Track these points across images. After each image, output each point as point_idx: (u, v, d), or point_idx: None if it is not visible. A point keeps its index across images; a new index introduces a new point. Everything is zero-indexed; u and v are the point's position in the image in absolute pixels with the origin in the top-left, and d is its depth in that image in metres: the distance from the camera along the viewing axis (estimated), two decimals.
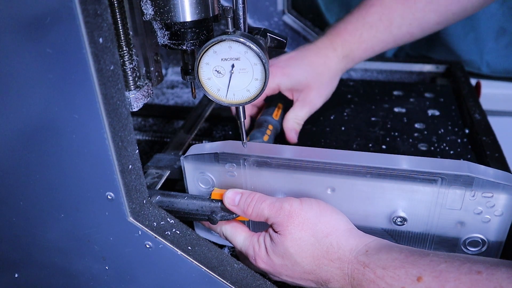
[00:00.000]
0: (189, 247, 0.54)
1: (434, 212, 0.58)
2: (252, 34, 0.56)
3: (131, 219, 0.51)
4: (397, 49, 1.33)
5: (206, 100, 0.98)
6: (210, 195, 0.63)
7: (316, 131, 0.87)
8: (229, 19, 0.53)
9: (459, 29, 1.23)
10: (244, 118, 0.60)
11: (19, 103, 0.47)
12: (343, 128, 0.87)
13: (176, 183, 0.75)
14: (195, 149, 0.65)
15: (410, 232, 0.61)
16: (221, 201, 0.61)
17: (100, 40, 0.42)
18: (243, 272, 0.55)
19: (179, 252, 0.53)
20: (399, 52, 1.34)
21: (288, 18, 1.23)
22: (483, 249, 0.60)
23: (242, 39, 0.52)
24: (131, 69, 0.62)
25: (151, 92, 0.66)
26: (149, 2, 0.55)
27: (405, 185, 0.57)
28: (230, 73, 0.55)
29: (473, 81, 1.14)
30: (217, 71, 0.55)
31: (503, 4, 1.18)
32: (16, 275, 0.63)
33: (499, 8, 1.18)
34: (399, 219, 0.59)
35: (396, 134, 0.85)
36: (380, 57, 1.33)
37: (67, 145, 0.48)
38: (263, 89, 0.55)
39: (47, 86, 0.44)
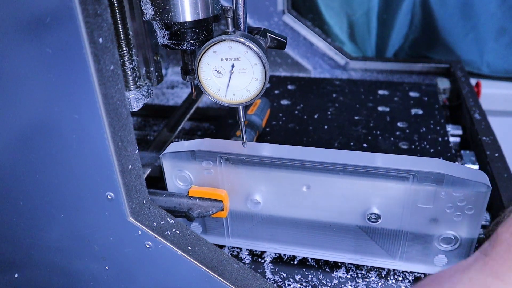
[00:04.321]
0: (189, 247, 0.54)
1: (407, 209, 0.59)
2: (252, 34, 0.56)
3: (131, 219, 0.51)
4: (397, 49, 1.33)
5: (191, 99, 0.98)
6: (188, 192, 0.64)
7: (299, 130, 0.87)
8: (229, 19, 0.53)
9: (459, 29, 1.23)
10: (244, 118, 0.60)
11: (19, 103, 0.47)
12: (326, 127, 0.88)
13: (159, 181, 0.75)
14: (173, 147, 0.65)
15: (384, 229, 0.62)
16: (199, 198, 0.63)
17: (100, 40, 0.42)
18: (243, 272, 0.55)
19: (179, 252, 0.53)
20: (399, 52, 1.34)
21: (288, 18, 1.23)
22: (456, 246, 0.60)
23: (242, 39, 0.52)
24: (131, 69, 0.62)
25: (151, 92, 0.66)
26: (149, 2, 0.55)
27: (378, 182, 0.58)
28: (230, 73, 0.55)
29: (473, 81, 1.14)
30: (217, 71, 0.55)
31: (503, 4, 1.18)
32: (16, 275, 0.63)
33: (499, 8, 1.18)
34: (373, 216, 0.60)
35: (378, 132, 0.85)
36: (380, 57, 1.33)
37: (67, 145, 0.48)
38: (263, 89, 0.55)
39: (47, 86, 0.44)
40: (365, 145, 0.82)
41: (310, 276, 0.66)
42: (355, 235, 0.63)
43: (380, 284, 0.65)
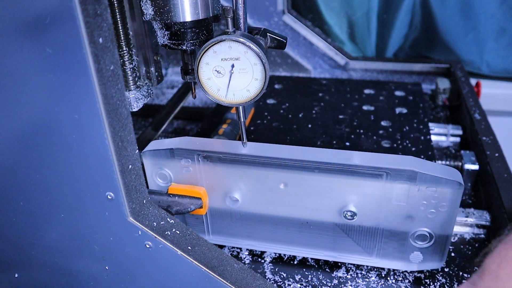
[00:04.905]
0: (189, 247, 0.54)
1: (382, 207, 0.60)
2: (252, 34, 0.56)
3: (131, 219, 0.51)
4: (397, 49, 1.33)
5: (176, 98, 0.99)
6: (168, 190, 0.65)
7: (283, 129, 0.88)
8: (229, 19, 0.53)
9: (459, 29, 1.23)
10: (244, 118, 0.60)
11: (19, 103, 0.47)
12: (309, 126, 0.88)
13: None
14: (153, 145, 0.66)
15: (360, 226, 0.62)
16: (178, 195, 0.64)
17: (100, 40, 0.42)
18: (243, 272, 0.55)
19: (179, 252, 0.53)
20: (399, 52, 1.34)
21: (288, 18, 1.23)
22: (431, 243, 0.61)
23: (242, 39, 0.52)
24: (131, 69, 0.62)
25: (151, 92, 0.66)
26: (149, 2, 0.55)
27: (353, 180, 0.59)
28: (230, 73, 0.55)
29: (473, 81, 1.14)
30: (217, 71, 0.55)
31: (503, 4, 1.18)
32: (16, 275, 0.63)
33: (499, 8, 1.18)
34: (349, 213, 0.61)
35: (361, 131, 0.86)
36: (380, 57, 1.33)
37: (67, 145, 0.48)
38: (263, 89, 0.55)
39: (47, 86, 0.44)
40: (347, 143, 0.83)
41: (310, 276, 0.66)
42: (332, 232, 0.64)
43: (380, 284, 0.65)
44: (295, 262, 0.69)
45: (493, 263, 0.50)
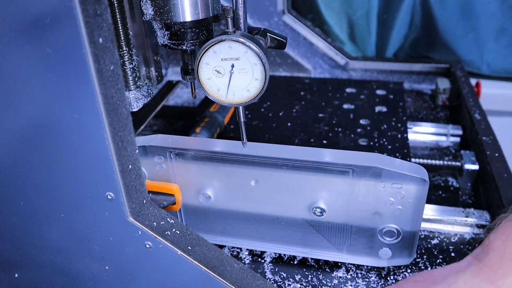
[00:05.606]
0: (189, 247, 0.54)
1: (350, 203, 0.61)
2: (252, 34, 0.56)
3: (131, 219, 0.51)
4: (397, 49, 1.33)
5: (158, 97, 0.99)
6: None
7: (262, 127, 0.89)
8: (229, 19, 0.53)
9: (459, 29, 1.23)
10: (244, 118, 0.60)
11: (19, 103, 0.47)
12: (289, 124, 0.89)
13: None
14: None
15: (329, 222, 0.63)
16: (151, 192, 0.64)
17: (100, 40, 0.42)
18: (243, 272, 0.55)
19: (179, 252, 0.53)
20: (399, 52, 1.34)
21: (288, 18, 1.23)
22: (399, 239, 0.62)
23: (242, 39, 0.52)
24: (131, 69, 0.62)
25: (151, 92, 0.66)
26: (149, 2, 0.55)
27: (321, 177, 0.60)
28: (230, 73, 0.55)
29: (473, 81, 1.14)
30: (217, 71, 0.55)
31: (503, 3, 1.18)
32: (16, 275, 0.63)
33: (499, 8, 1.18)
34: (318, 210, 0.62)
35: (340, 129, 0.86)
36: (380, 57, 1.33)
37: (67, 145, 0.48)
38: (263, 89, 0.55)
39: (47, 86, 0.44)
40: (324, 141, 0.83)
41: (310, 276, 0.66)
42: (302, 228, 0.65)
43: (380, 284, 0.65)
44: (295, 262, 0.69)
45: (498, 240, 0.50)
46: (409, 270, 0.66)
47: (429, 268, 0.67)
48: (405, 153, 0.79)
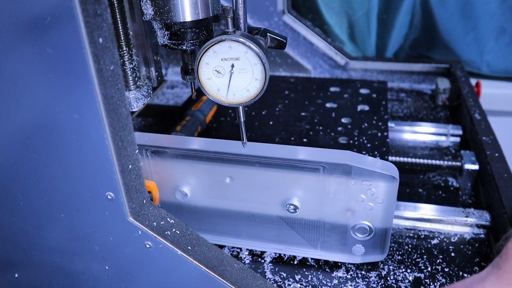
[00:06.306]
0: (189, 247, 0.54)
1: (322, 200, 0.61)
2: (252, 34, 0.56)
3: (131, 219, 0.51)
4: (397, 49, 1.33)
5: None
6: None
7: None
8: (229, 19, 0.53)
9: (459, 29, 1.23)
10: (244, 118, 0.60)
11: (19, 103, 0.47)
12: (271, 123, 0.89)
13: None
14: None
15: (303, 219, 0.64)
16: None
17: (100, 40, 0.42)
18: (243, 272, 0.55)
19: (179, 252, 0.53)
20: (399, 52, 1.34)
21: (288, 18, 1.23)
22: (371, 236, 0.63)
23: (242, 39, 0.52)
24: (131, 69, 0.62)
25: (151, 92, 0.66)
26: (149, 2, 0.55)
27: (294, 174, 0.60)
28: (230, 73, 0.55)
29: (473, 81, 1.14)
30: (217, 71, 0.55)
31: (503, 4, 1.18)
32: (16, 275, 0.63)
33: (499, 8, 1.18)
34: (291, 207, 0.63)
35: (321, 128, 0.87)
36: (380, 57, 1.33)
37: (67, 145, 0.48)
38: (263, 89, 0.55)
39: (47, 86, 0.44)
40: (305, 140, 0.83)
41: (310, 276, 0.66)
42: (277, 225, 0.66)
43: (380, 284, 0.65)
44: (295, 262, 0.69)
45: None
46: (409, 270, 0.66)
47: (428, 268, 0.67)
48: (383, 151, 0.79)
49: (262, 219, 0.66)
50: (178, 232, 0.54)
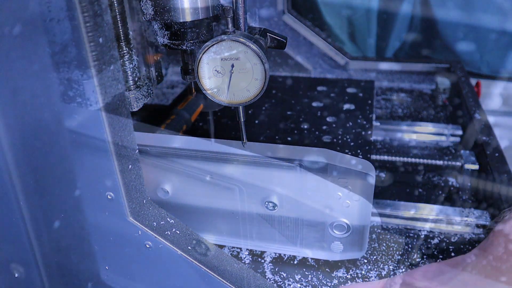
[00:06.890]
0: (189, 247, 0.54)
1: (300, 198, 0.61)
2: (252, 34, 0.56)
3: (131, 219, 0.52)
4: (397, 49, 1.33)
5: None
6: None
7: (230, 125, 0.89)
8: (229, 19, 0.53)
9: (459, 29, 1.23)
10: (244, 118, 0.60)
11: (19, 103, 0.47)
12: (256, 122, 0.90)
13: None
14: None
15: (282, 216, 0.64)
16: None
17: (100, 40, 0.42)
18: (243, 272, 0.55)
19: (179, 252, 0.53)
20: (399, 52, 1.34)
21: (288, 18, 1.23)
22: (349, 233, 0.63)
23: (242, 39, 0.52)
24: (131, 69, 0.62)
25: (151, 92, 0.66)
26: (149, 2, 0.55)
27: (270, 171, 0.60)
28: (230, 73, 0.55)
29: (473, 81, 1.14)
30: (217, 71, 0.55)
31: (503, 4, 1.18)
32: (16, 275, 0.63)
33: (499, 8, 1.18)
34: (270, 204, 0.63)
35: (305, 127, 0.87)
36: (380, 57, 1.33)
37: (67, 145, 0.48)
38: (263, 89, 0.55)
39: (47, 86, 0.44)
40: (289, 138, 0.84)
41: (310, 276, 0.66)
42: (257, 223, 0.66)
43: None
44: (295, 262, 0.69)
45: (502, 230, 0.52)
46: (409, 270, 0.66)
47: None
48: (366, 150, 0.79)
49: (242, 216, 0.66)
50: (178, 232, 0.54)
